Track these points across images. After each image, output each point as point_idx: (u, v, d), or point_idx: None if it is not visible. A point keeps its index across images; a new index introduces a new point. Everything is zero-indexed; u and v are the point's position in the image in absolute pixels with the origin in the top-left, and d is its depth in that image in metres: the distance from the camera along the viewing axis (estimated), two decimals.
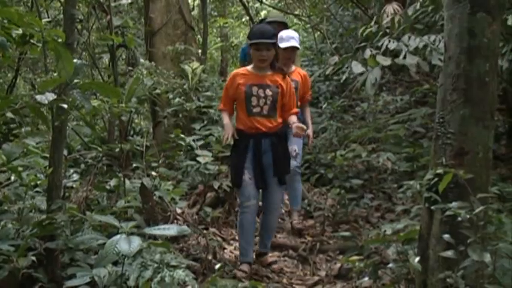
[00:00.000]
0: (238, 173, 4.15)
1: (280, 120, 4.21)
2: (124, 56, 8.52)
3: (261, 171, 4.16)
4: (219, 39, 14.52)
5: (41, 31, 2.96)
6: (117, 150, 5.15)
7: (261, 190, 4.27)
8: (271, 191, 4.24)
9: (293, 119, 4.19)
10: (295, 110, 4.29)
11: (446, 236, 2.74)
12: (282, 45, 4.90)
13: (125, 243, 2.78)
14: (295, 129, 4.07)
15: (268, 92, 4.13)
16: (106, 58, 8.42)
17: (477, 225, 2.59)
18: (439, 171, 2.92)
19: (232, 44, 13.22)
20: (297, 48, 5.14)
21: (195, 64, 7.55)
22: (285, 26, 5.67)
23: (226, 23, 13.31)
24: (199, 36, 10.95)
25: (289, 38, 5.05)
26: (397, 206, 4.97)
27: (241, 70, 4.30)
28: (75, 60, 3.08)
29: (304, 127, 4.13)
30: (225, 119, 4.27)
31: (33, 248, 3.35)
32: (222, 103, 4.34)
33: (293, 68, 5.22)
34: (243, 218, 4.16)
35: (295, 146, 5.03)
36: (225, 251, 4.69)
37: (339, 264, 4.34)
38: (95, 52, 7.25)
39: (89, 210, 4.19)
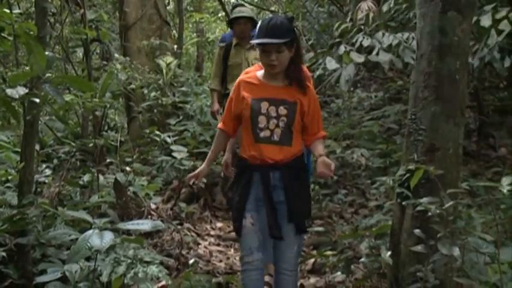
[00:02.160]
0: (238, 217, 3.05)
1: (298, 148, 3.04)
2: (98, 51, 8.43)
3: (271, 214, 2.98)
4: (194, 34, 14.46)
5: (12, 24, 2.92)
6: (91, 145, 5.11)
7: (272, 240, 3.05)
8: (285, 244, 3.01)
9: (319, 149, 3.03)
10: (322, 133, 3.12)
11: (417, 231, 2.79)
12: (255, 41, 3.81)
13: (97, 238, 2.77)
14: (320, 168, 2.89)
15: (282, 111, 2.96)
16: (80, 52, 8.32)
17: (447, 220, 2.64)
18: (411, 167, 2.97)
19: (208, 40, 13.16)
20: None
21: (170, 59, 7.51)
22: (253, 21, 5.27)
23: (202, 18, 13.26)
24: (174, 31, 10.88)
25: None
26: (371, 202, 5.03)
27: (248, 76, 3.13)
28: (47, 54, 3.04)
29: (333, 165, 2.93)
30: (213, 147, 3.24)
31: (3, 243, 3.31)
32: (222, 120, 3.22)
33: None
34: (244, 278, 3.03)
35: None
36: (200, 246, 4.69)
37: (312, 259, 4.37)
38: (69, 46, 7.16)
39: (61, 205, 4.15)
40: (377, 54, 5.01)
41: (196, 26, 14.72)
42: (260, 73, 3.08)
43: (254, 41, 2.94)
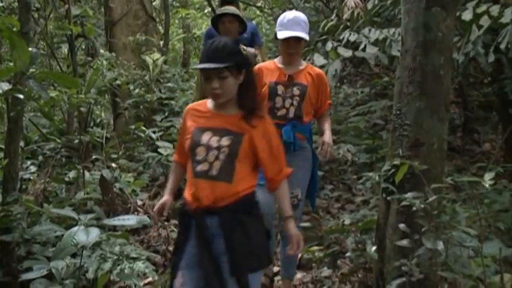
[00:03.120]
0: (171, 275, 2.58)
1: (243, 187, 2.52)
2: (83, 47, 8.38)
3: (209, 270, 2.46)
4: (181, 30, 14.38)
5: None
6: (77, 141, 5.09)
7: None
8: None
9: (284, 200, 2.61)
10: (286, 171, 2.62)
11: (402, 226, 2.81)
12: (281, 34, 3.57)
13: (83, 235, 2.76)
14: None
15: (225, 141, 2.50)
16: (65, 48, 8.26)
17: (431, 214, 2.66)
18: (396, 162, 2.99)
19: (195, 36, 13.11)
20: (302, 39, 3.60)
21: (156, 55, 7.49)
22: (238, 19, 4.81)
23: (189, 14, 13.18)
24: (160, 27, 10.83)
25: (293, 23, 3.56)
26: (357, 197, 5.06)
27: (198, 104, 2.75)
28: (30, 49, 3.01)
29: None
30: (171, 179, 2.88)
31: None
32: (176, 151, 2.90)
33: (301, 65, 3.69)
34: None
35: (298, 190, 3.54)
36: None
37: (299, 255, 4.39)
38: (53, 42, 7.10)
39: (47, 202, 4.13)
40: (363, 49, 5.03)
41: (182, 22, 14.64)
42: (211, 101, 2.66)
43: (195, 67, 2.73)
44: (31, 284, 3.06)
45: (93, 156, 5.19)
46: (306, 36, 3.58)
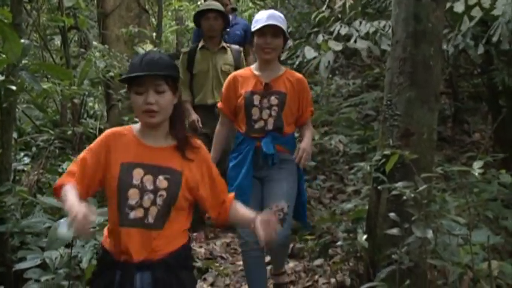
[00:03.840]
0: None
1: (179, 235, 2.15)
2: (76, 38, 8.35)
3: None
4: (174, 22, 14.35)
5: None
6: (70, 133, 5.09)
7: None
8: None
9: (244, 213, 2.30)
10: (230, 196, 2.30)
11: (392, 215, 2.83)
12: (257, 27, 3.26)
13: (65, 227, 2.78)
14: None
15: (161, 183, 2.07)
16: (58, 40, 8.23)
17: (421, 203, 2.70)
18: (386, 152, 3.02)
19: (188, 28, 13.09)
20: (281, 36, 3.28)
21: (149, 47, 7.48)
22: (222, 15, 4.66)
23: (182, 6, 13.16)
24: (153, 19, 10.80)
25: (269, 17, 3.25)
26: (348, 187, 5.09)
27: (118, 130, 2.21)
28: (22, 41, 3.02)
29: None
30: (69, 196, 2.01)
31: None
32: (69, 175, 2.15)
33: (280, 71, 3.39)
34: None
35: (283, 203, 3.21)
36: None
37: (291, 244, 4.43)
38: (46, 34, 7.08)
39: (40, 193, 4.15)
40: (355, 41, 5.05)
41: (175, 14, 14.61)
42: (137, 127, 2.18)
43: (125, 76, 2.15)
44: (25, 274, 3.09)
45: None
46: (284, 27, 3.26)
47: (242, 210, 2.27)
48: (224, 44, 4.78)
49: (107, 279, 2.08)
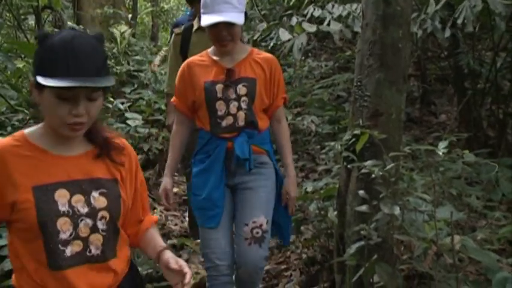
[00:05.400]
0: None
1: (127, 259, 1.75)
2: (50, 18, 8.22)
3: None
4: (149, 4, 14.20)
5: None
6: None
7: None
8: None
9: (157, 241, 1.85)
10: (154, 218, 1.90)
11: (361, 192, 2.92)
12: (204, 20, 2.68)
13: None
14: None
15: (98, 202, 1.62)
16: (31, 20, 8.09)
17: (389, 181, 2.79)
18: (356, 132, 3.10)
19: (163, 10, 12.98)
20: (232, 24, 2.64)
21: (124, 27, 7.45)
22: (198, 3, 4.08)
23: None
24: (129, 0, 10.69)
25: (220, 2, 2.61)
26: (320, 166, 5.19)
27: (15, 141, 1.67)
28: None
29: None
30: None
31: None
32: None
33: (244, 52, 2.84)
34: None
35: (261, 218, 2.78)
36: (155, 211, 4.77)
37: None
38: (19, 13, 6.95)
39: None
40: (328, 24, 5.12)
41: None
42: (35, 133, 1.69)
43: (56, 85, 1.51)
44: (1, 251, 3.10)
45: None
46: (238, 19, 2.63)
47: (154, 241, 1.80)
48: None
49: None
